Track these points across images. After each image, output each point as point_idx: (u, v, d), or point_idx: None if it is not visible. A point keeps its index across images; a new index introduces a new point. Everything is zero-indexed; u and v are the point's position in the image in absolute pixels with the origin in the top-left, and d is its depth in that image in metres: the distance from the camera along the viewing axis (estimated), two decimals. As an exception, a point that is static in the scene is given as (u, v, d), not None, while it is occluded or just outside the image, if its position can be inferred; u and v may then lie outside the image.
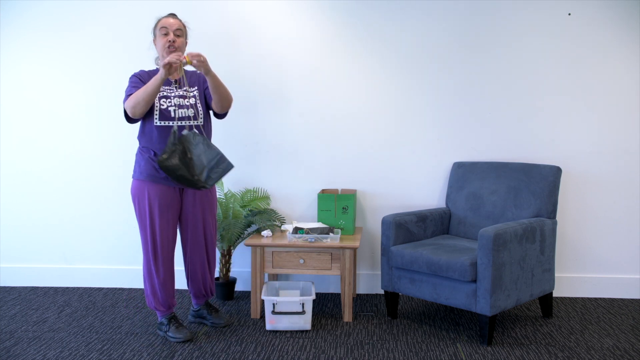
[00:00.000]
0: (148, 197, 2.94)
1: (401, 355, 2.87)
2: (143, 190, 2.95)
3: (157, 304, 3.04)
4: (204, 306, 3.25)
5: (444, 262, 3.02)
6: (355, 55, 3.76)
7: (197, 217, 3.08)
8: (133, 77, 2.98)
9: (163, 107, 2.91)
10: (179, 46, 2.94)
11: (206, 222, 3.11)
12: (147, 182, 2.94)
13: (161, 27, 2.93)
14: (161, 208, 2.94)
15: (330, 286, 3.90)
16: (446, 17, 3.69)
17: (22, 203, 3.98)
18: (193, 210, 3.06)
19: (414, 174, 3.80)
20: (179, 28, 2.96)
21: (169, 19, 2.97)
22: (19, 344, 3.02)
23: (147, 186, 2.94)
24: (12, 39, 3.87)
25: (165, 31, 2.93)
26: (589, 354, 2.89)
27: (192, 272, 3.17)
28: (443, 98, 3.75)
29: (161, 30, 2.93)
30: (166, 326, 3.06)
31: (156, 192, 2.93)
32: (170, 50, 2.91)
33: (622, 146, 3.68)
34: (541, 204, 3.30)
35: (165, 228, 2.97)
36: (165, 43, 2.91)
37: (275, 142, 3.85)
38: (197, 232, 3.10)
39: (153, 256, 2.98)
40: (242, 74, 3.81)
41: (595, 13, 3.62)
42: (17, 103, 3.92)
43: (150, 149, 2.93)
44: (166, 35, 2.92)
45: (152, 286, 3.02)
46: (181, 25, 2.99)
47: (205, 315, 3.25)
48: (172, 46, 2.91)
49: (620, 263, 3.75)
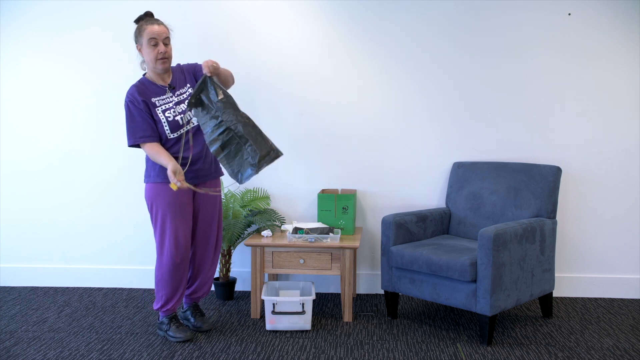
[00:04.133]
0: (166, 199, 2.93)
1: (401, 355, 2.87)
2: (160, 193, 2.93)
3: (168, 305, 3.02)
4: (191, 308, 3.24)
5: (444, 262, 3.02)
6: (356, 55, 3.76)
7: (207, 219, 3.11)
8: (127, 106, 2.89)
9: (170, 119, 2.91)
10: (170, 54, 2.90)
11: (213, 219, 3.14)
12: (163, 184, 2.92)
13: (149, 37, 2.83)
14: (179, 209, 2.95)
15: (330, 286, 3.90)
16: (446, 17, 3.69)
17: (22, 203, 3.98)
18: (204, 212, 3.09)
19: (414, 174, 3.80)
20: (167, 36, 2.88)
21: (154, 26, 2.85)
22: (19, 344, 3.02)
23: (164, 189, 2.92)
24: (12, 39, 3.87)
25: (155, 42, 2.84)
26: (589, 354, 2.89)
27: (196, 272, 3.17)
28: (443, 98, 3.75)
29: (150, 41, 2.83)
30: (167, 325, 3.05)
31: (174, 194, 2.91)
32: (163, 62, 2.87)
33: (622, 146, 3.68)
34: (541, 204, 3.30)
35: (184, 229, 2.98)
36: (156, 55, 2.84)
37: (275, 142, 3.84)
38: (206, 234, 3.13)
39: (173, 257, 2.95)
40: (242, 73, 3.79)
41: (595, 13, 3.62)
42: (17, 102, 3.92)
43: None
44: (156, 47, 2.84)
45: (173, 289, 3.00)
46: (167, 30, 2.90)
47: (189, 317, 3.23)
48: (164, 57, 2.87)
49: (620, 263, 3.75)
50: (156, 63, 2.87)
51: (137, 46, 2.92)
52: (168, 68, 2.95)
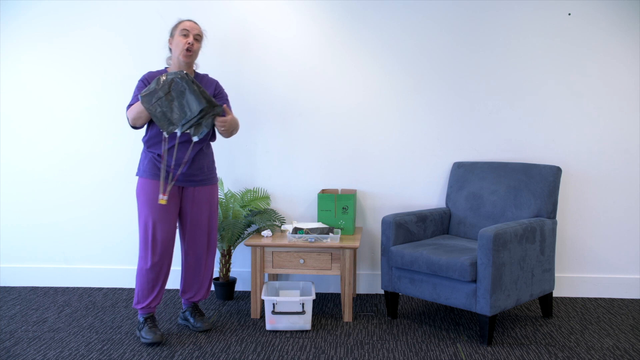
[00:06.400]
0: (148, 195, 2.95)
1: (401, 355, 2.87)
2: (144, 187, 2.98)
3: (140, 300, 3.02)
4: (190, 309, 3.24)
5: (444, 262, 3.02)
6: (356, 55, 3.76)
7: (196, 216, 3.08)
8: (140, 81, 2.99)
9: None
10: (196, 51, 2.99)
11: (205, 223, 3.11)
12: (148, 179, 2.96)
13: (182, 28, 2.97)
14: (160, 208, 2.95)
15: (330, 286, 3.90)
16: (446, 17, 3.69)
17: (22, 203, 3.98)
18: (192, 209, 3.07)
19: (414, 174, 3.80)
20: (198, 33, 3.01)
21: (190, 22, 3.02)
22: (19, 344, 3.02)
23: (148, 184, 2.96)
24: (12, 39, 3.87)
25: (186, 32, 2.96)
26: (589, 354, 2.89)
27: (189, 276, 3.16)
28: (443, 98, 3.75)
29: (182, 31, 2.96)
30: (141, 325, 3.05)
31: (157, 191, 2.94)
32: (187, 54, 2.95)
33: (622, 146, 3.68)
34: (541, 204, 3.30)
35: (163, 227, 2.97)
36: (184, 44, 2.94)
37: (275, 142, 3.85)
38: (195, 236, 3.10)
39: (151, 252, 2.97)
40: (242, 73, 3.81)
41: (595, 13, 3.62)
42: (17, 103, 3.92)
43: (156, 152, 2.96)
44: (186, 37, 2.95)
45: (140, 282, 3.01)
46: (201, 31, 3.04)
47: (188, 317, 3.23)
48: (190, 49, 2.95)
49: (620, 263, 3.75)
50: (180, 53, 2.94)
51: (170, 39, 3.03)
52: (191, 63, 3.02)
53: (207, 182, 3.10)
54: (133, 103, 2.93)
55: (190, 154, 2.96)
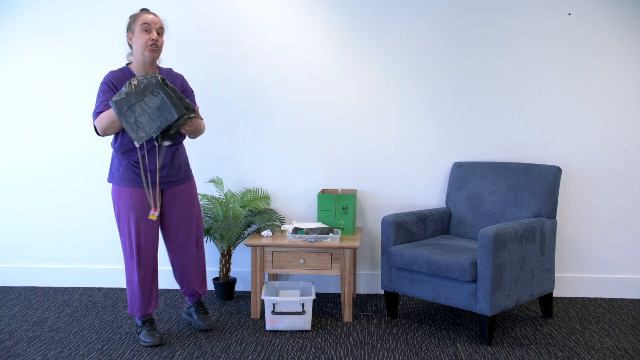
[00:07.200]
0: (128, 201, 2.88)
1: (401, 355, 2.87)
2: (122, 195, 2.89)
3: (135, 310, 3.00)
4: (195, 305, 3.24)
5: (443, 262, 3.02)
6: (356, 55, 3.76)
7: (179, 218, 3.03)
8: (103, 84, 2.82)
9: None
10: (161, 46, 2.85)
11: (190, 221, 3.06)
12: (127, 187, 2.88)
13: (143, 23, 2.78)
14: (141, 212, 2.88)
15: (330, 286, 3.90)
16: (446, 18, 3.69)
17: (22, 203, 3.98)
18: (173, 211, 3.01)
19: (413, 174, 3.80)
20: (161, 27, 2.84)
21: (149, 15, 2.82)
22: (19, 344, 3.02)
23: (126, 191, 2.88)
24: (12, 39, 3.87)
25: (148, 27, 2.78)
26: (589, 354, 2.89)
27: (180, 273, 3.14)
28: (443, 98, 3.75)
29: (142, 26, 2.77)
30: (140, 328, 3.03)
31: (136, 197, 2.87)
32: (153, 49, 2.79)
33: (622, 146, 3.68)
34: (541, 204, 3.30)
35: (145, 233, 2.91)
36: (147, 41, 2.77)
37: (276, 142, 3.85)
38: (179, 233, 3.05)
39: (137, 261, 2.92)
40: (242, 73, 3.81)
41: (595, 13, 3.62)
42: (17, 103, 3.92)
43: (132, 159, 2.86)
44: (148, 32, 2.78)
45: (132, 291, 2.98)
46: (162, 22, 2.86)
47: (192, 314, 3.23)
48: (155, 45, 2.80)
49: (620, 263, 3.75)
50: (145, 49, 2.79)
51: (128, 34, 2.85)
52: (156, 59, 2.87)
53: (185, 179, 3.04)
54: (101, 110, 2.76)
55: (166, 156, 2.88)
